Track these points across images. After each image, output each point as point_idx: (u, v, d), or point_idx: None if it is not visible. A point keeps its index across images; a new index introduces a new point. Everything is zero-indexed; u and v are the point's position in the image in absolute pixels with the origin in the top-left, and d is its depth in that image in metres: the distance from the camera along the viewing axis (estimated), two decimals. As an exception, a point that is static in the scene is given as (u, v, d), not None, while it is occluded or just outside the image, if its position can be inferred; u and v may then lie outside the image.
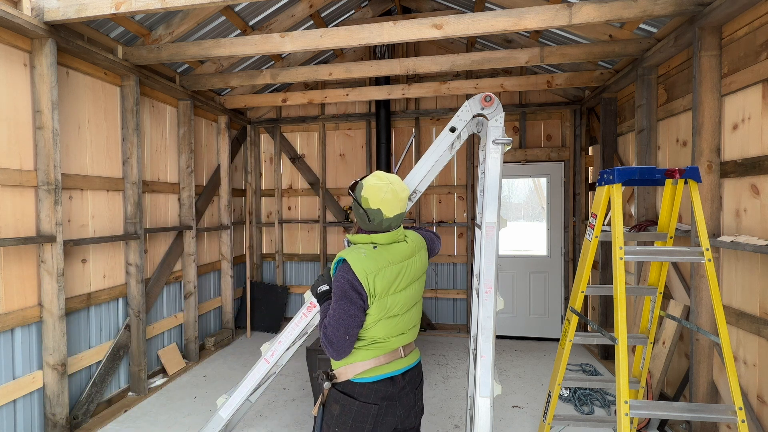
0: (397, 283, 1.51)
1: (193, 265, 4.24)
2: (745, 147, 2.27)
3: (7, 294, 2.51)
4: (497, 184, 1.86)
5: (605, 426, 2.61)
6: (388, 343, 1.54)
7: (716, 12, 2.33)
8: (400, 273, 1.52)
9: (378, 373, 1.52)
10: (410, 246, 1.61)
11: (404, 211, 1.57)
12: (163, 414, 3.17)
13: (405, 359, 1.58)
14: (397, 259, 1.53)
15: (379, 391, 1.52)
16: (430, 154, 1.95)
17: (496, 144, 1.87)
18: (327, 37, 2.97)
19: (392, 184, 1.52)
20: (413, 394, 1.60)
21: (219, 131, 4.99)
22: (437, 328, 5.27)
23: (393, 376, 1.54)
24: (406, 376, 1.58)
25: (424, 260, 1.66)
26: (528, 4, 3.37)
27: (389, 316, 1.52)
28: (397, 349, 1.56)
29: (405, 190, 1.57)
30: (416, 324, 1.66)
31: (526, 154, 4.91)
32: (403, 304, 1.55)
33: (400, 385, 1.55)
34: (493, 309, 1.83)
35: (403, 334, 1.57)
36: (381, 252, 1.51)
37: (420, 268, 1.63)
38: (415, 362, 1.64)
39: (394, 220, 1.53)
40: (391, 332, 1.54)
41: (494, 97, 1.89)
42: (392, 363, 1.55)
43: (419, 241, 1.67)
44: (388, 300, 1.50)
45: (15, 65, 2.58)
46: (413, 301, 1.60)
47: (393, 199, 1.50)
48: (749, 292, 2.23)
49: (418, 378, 1.65)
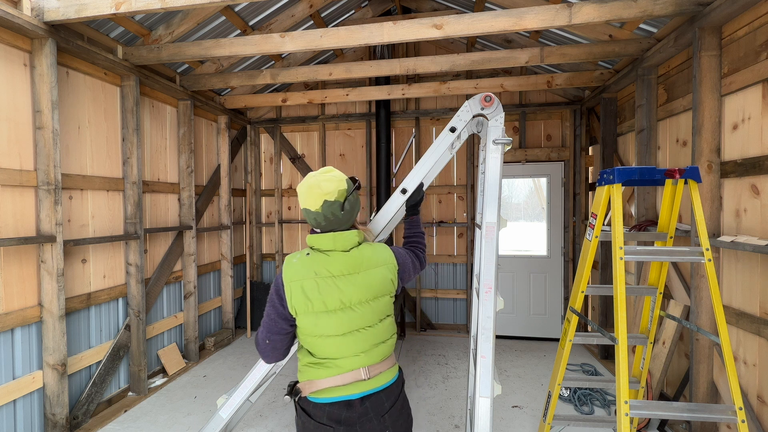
0: (329, 300, 1.34)
1: (193, 265, 4.24)
2: (745, 147, 2.27)
3: (7, 294, 2.51)
4: (497, 184, 1.86)
5: (605, 426, 2.61)
6: (343, 362, 1.37)
7: (716, 12, 2.33)
8: (330, 289, 1.35)
9: (332, 395, 1.37)
10: (360, 259, 1.40)
11: (337, 201, 1.38)
12: (163, 414, 3.17)
13: (367, 382, 1.39)
14: (328, 272, 1.36)
15: (333, 414, 1.37)
16: (430, 154, 1.94)
17: (496, 144, 1.87)
18: (327, 37, 2.97)
19: (319, 174, 1.40)
20: (378, 421, 1.40)
21: (219, 131, 4.99)
22: (437, 328, 5.27)
23: (350, 400, 1.38)
24: (367, 402, 1.39)
25: (384, 278, 1.43)
26: (528, 4, 3.37)
27: (326, 335, 1.36)
28: (358, 371, 1.38)
29: (335, 180, 1.39)
30: (383, 341, 1.44)
31: (526, 154, 4.91)
32: (341, 326, 1.35)
33: (358, 411, 1.38)
34: (493, 309, 1.83)
35: (362, 354, 1.39)
36: (312, 259, 1.38)
37: (376, 287, 1.41)
38: (383, 386, 1.43)
39: (320, 216, 1.38)
40: (344, 351, 1.37)
41: (494, 97, 1.89)
42: (349, 386, 1.38)
43: (383, 256, 1.46)
44: (319, 319, 1.35)
45: (15, 65, 2.58)
46: (364, 323, 1.39)
47: (314, 186, 1.37)
48: (749, 292, 2.23)
49: (388, 403, 1.43)
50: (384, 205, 1.96)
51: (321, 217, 1.38)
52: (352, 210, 1.44)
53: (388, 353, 1.47)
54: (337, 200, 1.37)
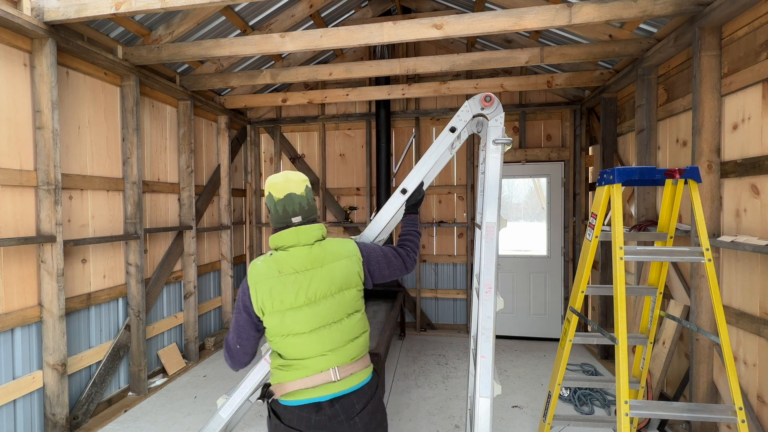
0: (293, 298, 1.35)
1: (193, 265, 4.24)
2: (745, 147, 2.27)
3: (7, 294, 2.51)
4: (497, 184, 1.85)
5: (605, 426, 2.61)
6: (311, 362, 1.36)
7: (716, 12, 2.33)
8: (295, 285, 1.35)
9: (300, 398, 1.36)
10: (320, 253, 1.40)
11: (299, 193, 1.44)
12: (163, 414, 3.17)
13: (337, 384, 1.38)
14: (291, 268, 1.37)
15: (302, 418, 1.36)
16: (430, 154, 1.94)
17: (496, 144, 1.86)
18: (327, 37, 2.97)
19: (287, 173, 1.49)
20: (348, 424, 1.38)
21: (219, 131, 4.99)
22: (437, 328, 5.27)
23: (319, 403, 1.37)
24: (337, 404, 1.37)
25: (348, 270, 1.42)
26: (528, 4, 3.38)
27: (291, 333, 1.36)
28: (327, 372, 1.37)
29: (301, 178, 1.49)
30: (353, 338, 1.43)
31: (526, 154, 4.91)
32: (308, 322, 1.36)
33: (327, 414, 1.36)
34: (493, 309, 1.82)
35: (330, 353, 1.38)
36: (275, 259, 1.40)
37: (340, 279, 1.40)
38: (354, 387, 1.40)
39: (287, 202, 1.42)
40: (312, 350, 1.37)
41: (494, 97, 1.89)
42: (319, 387, 1.36)
43: (347, 248, 1.46)
44: (285, 317, 1.35)
45: (15, 65, 2.58)
46: (330, 318, 1.38)
47: (282, 180, 1.45)
48: (749, 292, 2.23)
49: (359, 405, 1.40)
50: (384, 206, 1.95)
51: (289, 208, 1.42)
52: (314, 205, 1.52)
53: (359, 353, 1.45)
54: (304, 194, 1.46)
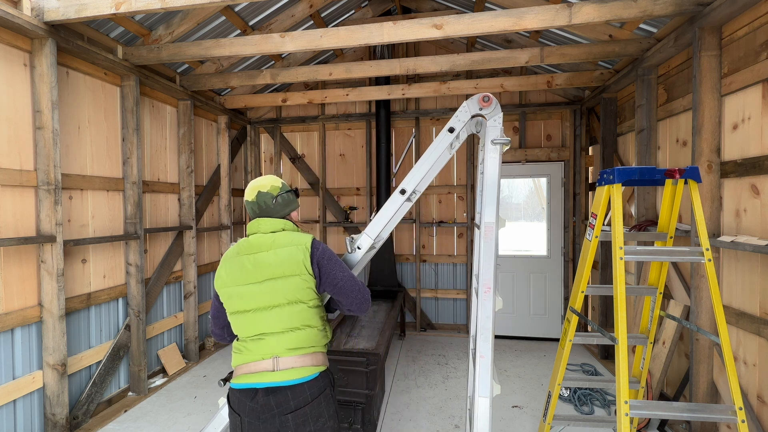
0: (241, 276, 1.45)
1: (193, 265, 4.24)
2: (745, 147, 2.27)
3: (7, 294, 2.51)
4: (496, 184, 1.86)
5: (605, 426, 2.61)
6: (252, 345, 1.43)
7: (716, 12, 2.33)
8: (244, 265, 1.46)
9: (242, 381, 1.42)
10: (275, 239, 1.49)
11: (265, 191, 1.55)
12: (164, 414, 3.17)
13: (274, 374, 1.39)
14: (246, 250, 1.49)
15: (241, 402, 1.41)
16: (429, 154, 1.94)
17: (494, 144, 1.87)
18: (327, 37, 2.97)
19: (264, 176, 1.62)
20: (279, 420, 1.37)
21: (219, 131, 4.99)
22: (437, 328, 5.26)
23: (255, 389, 1.39)
24: (272, 395, 1.37)
25: (291, 256, 1.44)
26: (528, 4, 3.37)
27: (238, 311, 1.45)
28: (268, 360, 1.40)
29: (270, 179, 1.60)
30: (291, 329, 1.43)
31: (526, 154, 4.91)
32: (249, 301, 1.43)
33: (260, 403, 1.37)
34: (492, 309, 1.83)
35: (268, 337, 1.42)
36: (239, 243, 1.54)
37: (282, 264, 1.43)
38: (290, 382, 1.38)
39: (254, 204, 1.55)
40: (250, 330, 1.44)
41: (492, 97, 1.89)
42: (257, 374, 1.40)
43: (299, 239, 1.49)
44: (233, 294, 1.46)
45: (15, 65, 2.58)
46: (270, 301, 1.43)
47: (253, 183, 1.59)
48: (749, 292, 2.23)
49: (294, 402, 1.38)
50: (383, 205, 1.96)
51: (254, 205, 1.56)
52: (285, 205, 1.60)
53: (300, 346, 1.44)
54: (270, 192, 1.56)
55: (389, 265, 5.01)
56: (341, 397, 2.72)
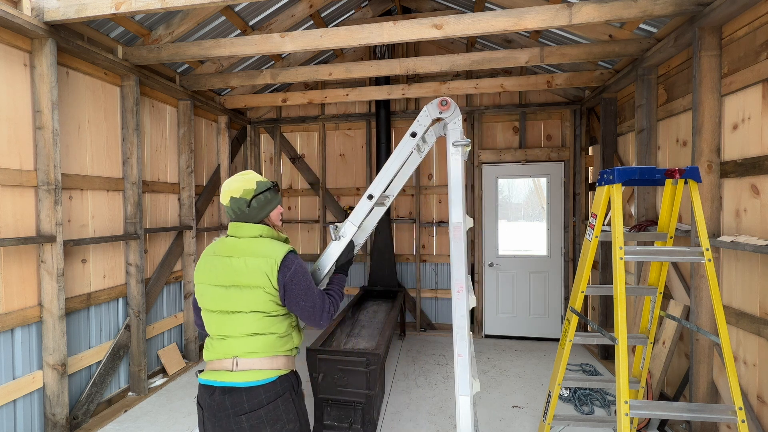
0: (211, 276, 1.48)
1: (193, 265, 4.23)
2: (745, 147, 2.27)
3: (7, 294, 2.51)
4: (460, 185, 1.92)
5: (605, 426, 2.61)
6: (216, 344, 1.47)
7: (716, 12, 2.33)
8: (216, 266, 1.48)
9: (204, 377, 1.46)
10: (247, 246, 1.48)
11: (237, 197, 1.51)
12: (164, 414, 3.17)
13: (231, 374, 1.40)
14: (221, 252, 1.51)
15: (203, 396, 1.45)
16: (393, 159, 1.96)
17: (455, 146, 1.91)
18: (327, 37, 2.97)
19: (235, 176, 1.59)
20: (233, 420, 1.37)
21: (219, 131, 4.99)
22: (437, 328, 5.26)
23: (213, 387, 1.42)
24: (228, 395, 1.39)
25: (256, 268, 1.42)
26: (528, 4, 3.37)
27: (206, 309, 1.50)
28: (228, 360, 1.42)
29: (243, 181, 1.54)
30: (251, 335, 1.43)
31: (526, 154, 4.91)
32: (214, 302, 1.46)
33: (217, 401, 1.39)
34: (466, 308, 1.87)
35: (228, 339, 1.44)
36: (217, 242, 1.56)
37: (246, 274, 1.42)
38: (247, 383, 1.39)
39: (230, 209, 1.54)
40: (213, 330, 1.48)
41: (450, 101, 1.93)
42: (218, 372, 1.43)
43: (270, 250, 1.46)
44: (204, 292, 1.49)
45: (15, 65, 2.58)
46: (232, 307, 1.43)
47: (225, 185, 1.57)
48: (749, 292, 2.23)
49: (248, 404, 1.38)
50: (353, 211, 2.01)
51: (230, 210, 1.55)
52: (261, 208, 1.55)
53: (260, 350, 1.43)
54: (243, 197, 1.51)
55: (389, 265, 5.01)
56: (341, 397, 2.72)
